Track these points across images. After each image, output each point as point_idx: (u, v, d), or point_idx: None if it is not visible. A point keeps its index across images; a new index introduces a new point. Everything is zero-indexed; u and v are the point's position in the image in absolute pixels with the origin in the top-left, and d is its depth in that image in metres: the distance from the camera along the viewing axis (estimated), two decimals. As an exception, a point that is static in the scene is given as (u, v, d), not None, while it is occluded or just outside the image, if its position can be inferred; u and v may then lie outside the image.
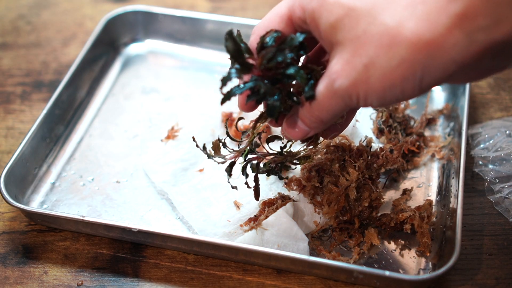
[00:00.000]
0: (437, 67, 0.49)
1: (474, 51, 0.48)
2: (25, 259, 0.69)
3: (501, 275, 0.66)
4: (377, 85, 0.50)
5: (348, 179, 0.66)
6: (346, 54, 0.51)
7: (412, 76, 0.49)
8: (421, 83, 0.50)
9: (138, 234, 0.66)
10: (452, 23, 0.47)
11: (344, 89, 0.52)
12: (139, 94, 0.87)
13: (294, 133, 0.59)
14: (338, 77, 0.52)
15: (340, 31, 0.51)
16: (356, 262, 0.66)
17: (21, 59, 0.94)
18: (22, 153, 0.73)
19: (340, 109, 0.54)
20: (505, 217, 0.70)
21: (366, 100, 0.52)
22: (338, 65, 0.52)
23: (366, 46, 0.50)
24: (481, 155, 0.74)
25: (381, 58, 0.49)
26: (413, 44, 0.48)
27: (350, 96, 0.52)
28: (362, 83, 0.51)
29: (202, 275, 0.67)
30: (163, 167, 0.75)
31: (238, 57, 0.55)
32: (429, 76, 0.50)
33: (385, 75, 0.50)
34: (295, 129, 0.59)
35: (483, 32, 0.47)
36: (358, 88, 0.51)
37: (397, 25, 0.49)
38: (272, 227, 0.65)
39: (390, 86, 0.50)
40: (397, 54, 0.49)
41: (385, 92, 0.51)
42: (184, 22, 0.92)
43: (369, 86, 0.51)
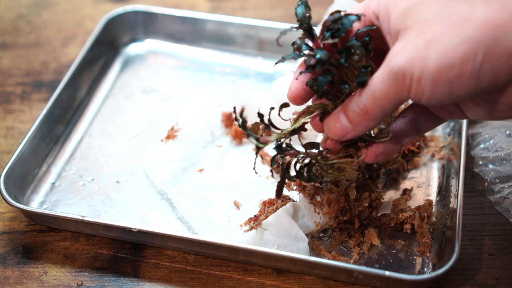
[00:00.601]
0: (500, 56, 0.47)
1: None
2: (25, 259, 0.69)
3: (501, 275, 0.66)
4: (434, 63, 0.48)
5: (348, 179, 0.66)
6: (410, 35, 0.50)
7: (472, 57, 0.47)
8: (479, 70, 0.48)
9: (138, 234, 0.66)
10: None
11: (399, 67, 0.50)
12: (139, 94, 0.87)
13: (334, 129, 0.57)
14: (395, 56, 0.50)
15: (410, 16, 0.50)
16: (356, 262, 0.66)
17: (21, 59, 0.94)
18: (22, 153, 0.73)
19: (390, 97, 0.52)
20: (505, 217, 0.70)
21: (419, 83, 0.49)
22: (398, 46, 0.51)
23: (432, 26, 0.49)
24: (481, 155, 0.74)
25: (445, 35, 0.48)
26: (481, 24, 0.47)
27: (403, 75, 0.50)
28: (419, 61, 0.49)
29: (202, 275, 0.67)
30: (163, 167, 0.75)
31: (304, 22, 0.56)
32: (489, 63, 0.47)
33: (446, 52, 0.48)
34: (336, 124, 0.56)
35: None
36: (414, 66, 0.49)
37: (469, 6, 0.48)
38: (272, 227, 0.65)
39: (447, 66, 0.48)
40: (463, 32, 0.47)
41: (441, 73, 0.48)
42: (184, 22, 0.92)
43: (426, 64, 0.48)
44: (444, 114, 0.59)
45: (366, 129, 0.55)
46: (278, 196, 0.63)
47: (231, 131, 0.79)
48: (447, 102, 0.51)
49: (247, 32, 0.91)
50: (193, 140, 0.77)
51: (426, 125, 0.61)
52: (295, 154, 0.61)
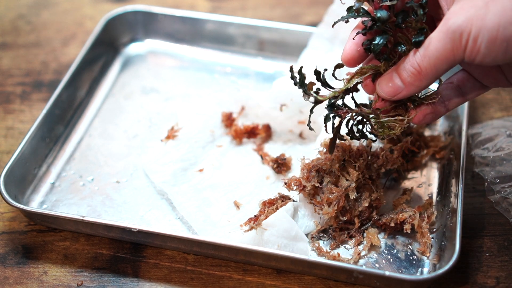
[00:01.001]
0: None
1: None
2: (25, 259, 0.69)
3: (501, 275, 0.66)
4: (492, 21, 0.50)
5: (348, 179, 0.66)
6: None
7: None
8: None
9: (138, 234, 0.66)
10: None
11: (458, 25, 0.51)
12: (139, 94, 0.87)
13: (386, 88, 0.58)
14: (454, 15, 0.52)
15: None
16: (356, 262, 0.66)
17: (21, 59, 0.94)
18: (22, 153, 0.73)
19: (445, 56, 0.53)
20: (505, 217, 0.70)
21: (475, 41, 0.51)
22: (456, 7, 0.52)
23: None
24: (481, 155, 0.74)
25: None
26: None
27: (461, 34, 0.51)
28: (477, 19, 0.50)
29: (202, 275, 0.67)
30: (163, 167, 0.75)
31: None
32: None
33: (504, 11, 0.49)
34: (389, 83, 0.58)
35: None
36: (472, 25, 0.51)
37: None
38: (272, 227, 0.65)
39: (505, 24, 0.50)
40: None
41: (499, 31, 0.50)
42: (184, 22, 0.92)
43: (484, 22, 0.50)
44: (489, 82, 0.61)
45: (417, 89, 0.57)
46: (331, 152, 0.66)
47: (231, 131, 0.79)
48: (501, 62, 0.53)
49: (247, 32, 0.91)
50: (193, 140, 0.77)
51: (471, 91, 0.63)
52: (348, 112, 0.63)
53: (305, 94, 0.61)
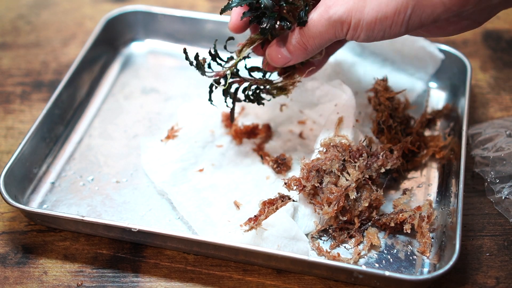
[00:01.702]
0: (427, 7, 0.53)
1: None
2: (25, 259, 0.69)
3: (501, 275, 0.66)
4: (370, 15, 0.55)
5: (348, 179, 0.66)
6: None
7: (403, 10, 0.54)
8: (408, 20, 0.54)
9: (138, 234, 0.66)
10: None
11: (338, 16, 0.56)
12: (139, 94, 0.87)
13: (276, 59, 0.64)
14: (334, 4, 0.56)
15: None
16: (356, 262, 0.66)
17: (21, 59, 0.94)
18: (21, 153, 0.73)
19: (328, 38, 0.59)
20: (505, 217, 0.70)
21: (355, 30, 0.56)
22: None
23: None
24: (481, 155, 0.74)
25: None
26: None
27: (342, 23, 0.56)
28: (357, 11, 0.55)
29: (202, 275, 0.67)
30: (163, 167, 0.75)
31: None
32: (416, 15, 0.54)
33: (380, 6, 0.54)
34: (278, 55, 0.64)
35: None
36: (351, 16, 0.56)
37: None
38: (272, 227, 0.65)
39: (382, 18, 0.55)
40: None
41: (376, 23, 0.55)
42: (184, 22, 0.92)
43: (363, 15, 0.55)
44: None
45: (304, 59, 0.64)
46: (232, 120, 0.73)
47: (231, 131, 0.79)
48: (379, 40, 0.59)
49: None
50: (193, 140, 0.77)
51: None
52: (243, 81, 0.69)
53: (204, 75, 0.68)
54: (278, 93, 0.70)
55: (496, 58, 0.90)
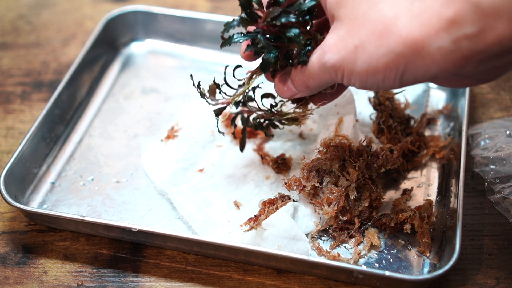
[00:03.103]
0: (419, 66, 0.51)
1: (457, 58, 0.49)
2: (25, 259, 0.69)
3: (501, 275, 0.66)
4: (361, 68, 0.53)
5: (348, 179, 0.66)
6: (342, 31, 0.54)
7: (395, 68, 0.51)
8: (402, 77, 0.52)
9: (138, 234, 0.66)
10: (441, 26, 0.49)
11: (332, 64, 0.55)
12: (139, 94, 0.87)
13: (283, 91, 0.63)
14: (328, 51, 0.55)
15: (343, 8, 0.54)
16: (356, 262, 0.66)
17: (21, 59, 0.94)
18: (22, 153, 0.73)
19: (326, 81, 0.58)
20: (505, 217, 0.70)
21: (349, 79, 0.55)
22: (332, 40, 0.55)
23: (361, 29, 0.52)
24: (481, 155, 0.74)
25: (371, 44, 0.52)
26: (402, 38, 0.50)
27: (335, 71, 0.55)
28: (348, 62, 0.54)
29: (202, 275, 0.67)
30: (163, 167, 0.75)
31: (247, 7, 0.59)
32: (410, 72, 0.52)
33: (371, 61, 0.52)
34: (284, 87, 0.62)
35: (468, 40, 0.48)
36: (344, 66, 0.54)
37: (392, 16, 0.51)
38: (272, 227, 0.65)
39: (373, 72, 0.53)
40: (386, 44, 0.51)
41: (368, 76, 0.53)
42: (184, 22, 0.92)
43: (354, 67, 0.53)
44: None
45: (309, 94, 0.62)
46: (241, 149, 0.73)
47: (231, 131, 0.79)
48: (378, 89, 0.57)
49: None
50: (193, 140, 0.77)
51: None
52: (252, 112, 0.68)
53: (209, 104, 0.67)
54: (290, 123, 0.68)
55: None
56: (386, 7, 0.51)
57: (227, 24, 0.60)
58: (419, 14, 0.49)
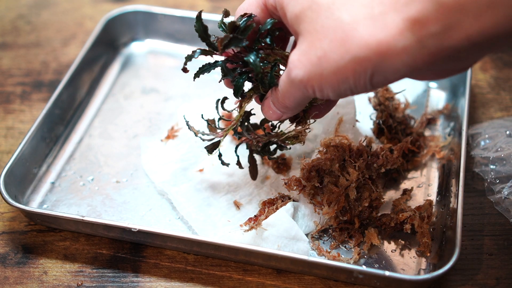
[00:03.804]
0: (388, 67, 0.50)
1: (425, 56, 0.49)
2: (25, 259, 0.69)
3: (502, 275, 0.66)
4: (330, 78, 0.52)
5: (348, 179, 0.66)
6: (304, 45, 0.53)
7: (363, 72, 0.50)
8: (371, 79, 0.51)
9: (138, 234, 0.66)
10: (405, 26, 0.48)
11: (299, 80, 0.54)
12: (139, 94, 0.87)
13: (269, 115, 0.62)
14: (294, 68, 0.54)
15: (302, 22, 0.53)
16: (356, 262, 0.66)
17: (21, 59, 0.94)
18: (22, 153, 0.73)
19: (300, 98, 0.56)
20: (505, 217, 0.70)
21: (322, 91, 0.54)
22: (295, 55, 0.54)
23: (321, 40, 0.51)
24: (481, 155, 0.74)
25: (334, 52, 0.51)
26: (365, 42, 0.49)
27: (305, 86, 0.54)
28: (316, 76, 0.52)
29: (202, 275, 0.67)
30: (163, 167, 0.75)
31: (204, 38, 0.60)
32: (379, 74, 0.51)
33: (338, 69, 0.51)
34: (269, 110, 0.62)
35: (434, 38, 0.48)
36: (312, 81, 0.53)
37: (352, 22, 0.50)
38: (272, 227, 0.65)
39: (343, 79, 0.52)
40: (350, 50, 0.50)
41: (339, 84, 0.52)
42: (184, 22, 0.92)
43: (323, 78, 0.52)
44: None
45: (294, 113, 0.61)
46: (253, 178, 0.72)
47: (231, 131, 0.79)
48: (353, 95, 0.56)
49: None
50: (193, 140, 0.77)
51: None
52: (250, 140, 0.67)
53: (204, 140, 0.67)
54: (293, 141, 0.67)
55: (496, 58, 0.90)
56: (344, 14, 0.50)
57: (188, 57, 0.61)
58: (380, 16, 0.49)
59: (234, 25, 0.59)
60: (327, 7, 0.51)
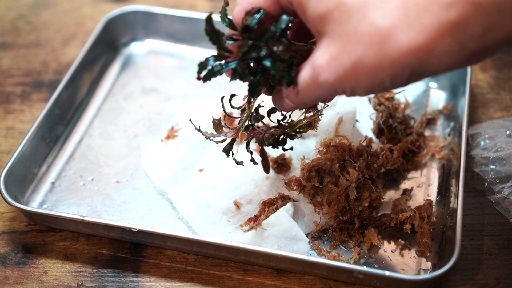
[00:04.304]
0: (427, 69, 0.50)
1: (465, 56, 0.49)
2: (25, 259, 0.69)
3: (502, 275, 0.66)
4: (365, 82, 0.51)
5: (348, 179, 0.66)
6: (333, 49, 0.51)
7: (401, 75, 0.50)
8: (408, 79, 0.51)
9: (138, 234, 0.66)
10: (444, 29, 0.47)
11: (330, 84, 0.52)
12: (139, 94, 0.87)
13: (282, 107, 0.60)
14: (323, 72, 0.52)
15: (329, 24, 0.51)
16: (356, 262, 0.66)
17: (21, 59, 0.94)
18: (22, 153, 0.73)
19: (324, 96, 0.55)
20: (505, 217, 0.70)
21: (353, 92, 0.53)
22: (323, 59, 0.52)
23: (355, 44, 0.50)
24: (481, 155, 0.74)
25: (370, 58, 0.49)
26: (404, 47, 0.48)
27: (335, 89, 0.53)
28: (349, 80, 0.51)
29: (202, 275, 0.67)
30: (163, 167, 0.75)
31: (216, 42, 0.57)
32: (417, 75, 0.50)
33: (375, 73, 0.50)
34: (283, 103, 0.59)
35: (474, 40, 0.47)
36: (345, 84, 0.52)
37: (388, 27, 0.48)
38: (272, 227, 0.65)
39: (379, 83, 0.51)
40: (388, 55, 0.49)
41: (374, 86, 0.51)
42: (184, 22, 0.92)
43: (357, 82, 0.51)
44: None
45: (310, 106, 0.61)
46: (266, 171, 0.69)
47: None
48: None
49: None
50: (193, 140, 0.77)
51: None
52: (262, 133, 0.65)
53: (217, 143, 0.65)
54: (305, 129, 0.65)
55: (496, 58, 0.90)
56: (378, 18, 0.49)
57: (201, 65, 0.58)
58: (418, 20, 0.48)
59: (246, 26, 0.56)
60: (358, 9, 0.49)
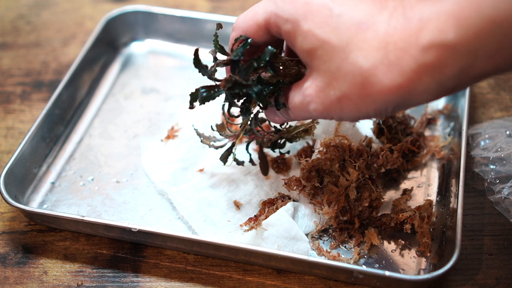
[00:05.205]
0: (409, 104, 0.52)
1: (444, 92, 0.51)
2: (25, 259, 0.69)
3: (502, 275, 0.66)
4: (351, 113, 0.54)
5: (348, 179, 0.66)
6: (320, 82, 0.54)
7: (384, 109, 0.53)
8: (393, 111, 0.54)
9: (138, 234, 0.66)
10: (422, 71, 0.49)
11: (319, 112, 0.55)
12: (139, 94, 0.87)
13: (275, 120, 0.63)
14: (312, 102, 0.55)
15: (315, 59, 0.54)
16: (356, 262, 0.66)
17: (21, 59, 0.94)
18: (22, 153, 0.73)
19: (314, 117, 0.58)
20: (505, 217, 0.70)
21: (340, 119, 0.56)
22: (312, 90, 0.55)
23: (339, 81, 0.52)
24: (481, 155, 0.74)
25: (354, 95, 0.52)
26: (385, 87, 0.51)
27: (324, 116, 0.56)
28: (336, 111, 0.54)
29: (202, 275, 0.67)
30: (163, 167, 0.75)
31: (205, 74, 0.61)
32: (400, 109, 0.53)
33: (359, 107, 0.53)
34: (275, 117, 0.62)
35: (452, 79, 0.49)
36: (332, 113, 0.55)
37: (369, 68, 0.51)
38: (272, 227, 0.65)
39: (364, 114, 0.54)
40: (370, 94, 0.51)
41: (359, 117, 0.54)
42: (184, 22, 0.92)
43: (343, 112, 0.54)
44: None
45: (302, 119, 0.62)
46: (265, 173, 0.73)
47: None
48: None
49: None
50: (193, 140, 0.77)
51: None
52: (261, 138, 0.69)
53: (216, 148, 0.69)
54: (302, 135, 0.69)
55: (496, 58, 0.90)
56: (360, 59, 0.51)
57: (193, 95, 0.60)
58: (397, 61, 0.50)
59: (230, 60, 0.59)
60: (341, 49, 0.52)
